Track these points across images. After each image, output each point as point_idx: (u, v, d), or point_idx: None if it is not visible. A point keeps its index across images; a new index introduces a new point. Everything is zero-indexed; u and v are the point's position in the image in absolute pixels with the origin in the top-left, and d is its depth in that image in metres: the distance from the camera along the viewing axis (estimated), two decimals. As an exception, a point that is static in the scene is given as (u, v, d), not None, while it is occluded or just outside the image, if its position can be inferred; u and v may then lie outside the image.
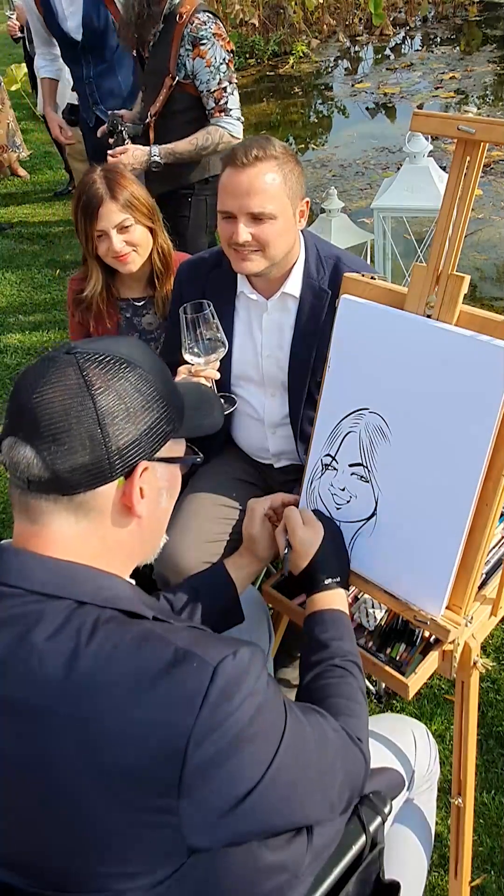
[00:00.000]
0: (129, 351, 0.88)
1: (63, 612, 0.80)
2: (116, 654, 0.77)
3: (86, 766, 0.73)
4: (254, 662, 0.81)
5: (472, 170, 1.11)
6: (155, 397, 0.87)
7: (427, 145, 3.14)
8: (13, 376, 3.81)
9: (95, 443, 0.82)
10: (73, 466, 0.82)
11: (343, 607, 1.18)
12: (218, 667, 0.77)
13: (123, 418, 0.84)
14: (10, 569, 0.84)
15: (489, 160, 5.39)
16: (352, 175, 5.87)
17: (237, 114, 2.58)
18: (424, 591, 1.20)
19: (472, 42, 9.02)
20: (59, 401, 0.82)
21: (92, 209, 1.86)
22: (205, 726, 0.74)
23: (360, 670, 1.10)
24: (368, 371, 1.26)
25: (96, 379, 0.83)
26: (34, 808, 0.75)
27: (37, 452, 0.81)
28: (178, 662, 0.76)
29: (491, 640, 2.14)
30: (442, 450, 1.16)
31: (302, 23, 9.41)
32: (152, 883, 0.75)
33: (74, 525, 0.85)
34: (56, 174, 6.31)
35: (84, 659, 0.76)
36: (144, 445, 0.87)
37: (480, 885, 1.62)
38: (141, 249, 1.92)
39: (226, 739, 0.75)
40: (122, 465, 0.85)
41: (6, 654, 0.78)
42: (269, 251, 1.53)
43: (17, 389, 0.85)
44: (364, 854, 1.00)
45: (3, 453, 0.84)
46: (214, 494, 1.73)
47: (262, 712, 0.80)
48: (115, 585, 0.86)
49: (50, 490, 0.83)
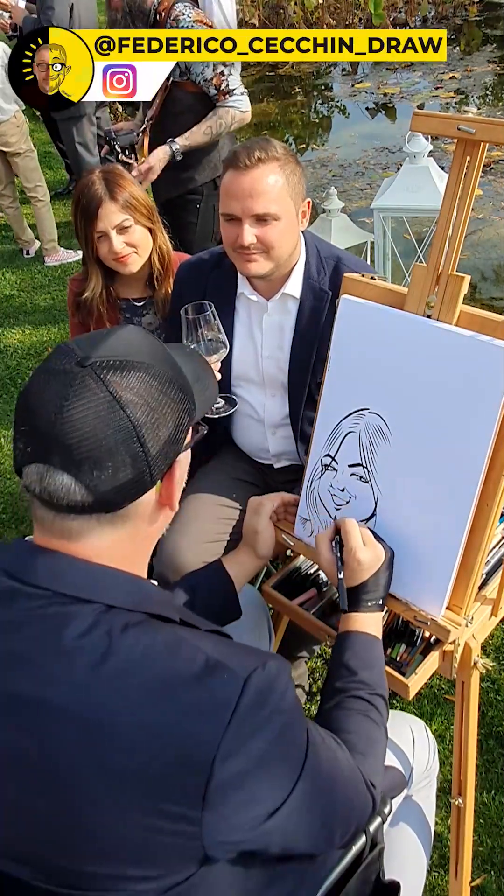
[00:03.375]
0: (133, 345, 0.84)
1: (92, 615, 0.78)
2: (146, 659, 0.76)
3: (104, 769, 0.72)
4: (281, 675, 0.81)
5: (472, 170, 1.11)
6: (172, 390, 0.84)
7: (427, 145, 3.14)
8: (13, 376, 3.81)
9: (136, 458, 0.79)
10: (116, 486, 0.79)
11: (378, 633, 1.15)
12: (248, 679, 0.76)
13: (155, 423, 0.81)
14: (38, 570, 0.81)
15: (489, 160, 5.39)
16: (352, 175, 5.87)
17: (241, 90, 2.61)
18: (425, 591, 1.20)
19: (472, 42, 9.02)
20: (91, 421, 0.77)
21: (91, 210, 1.86)
22: (233, 740, 0.74)
23: (385, 705, 1.07)
24: (368, 371, 1.26)
25: (122, 390, 0.79)
26: (49, 806, 0.75)
27: (76, 479, 0.77)
28: (208, 672, 0.76)
29: (491, 641, 2.14)
30: (442, 450, 1.16)
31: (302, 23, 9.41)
32: (165, 886, 0.75)
33: (111, 534, 0.83)
34: (56, 174, 6.31)
35: (112, 662, 0.75)
36: (175, 443, 0.85)
37: (480, 885, 1.62)
38: (141, 250, 1.92)
39: (253, 756, 0.75)
40: (160, 469, 0.83)
41: (32, 652, 0.77)
42: (274, 252, 1.53)
43: (30, 411, 0.79)
44: (364, 854, 1.00)
45: (32, 482, 0.80)
46: (214, 495, 1.73)
47: (289, 729, 0.80)
48: (142, 588, 0.85)
49: (92, 511, 0.80)
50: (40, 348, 4.04)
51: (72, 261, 4.93)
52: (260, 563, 1.37)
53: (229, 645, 0.84)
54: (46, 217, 4.89)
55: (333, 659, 1.12)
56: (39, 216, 4.88)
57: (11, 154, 4.71)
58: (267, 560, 1.39)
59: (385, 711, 1.07)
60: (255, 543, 1.36)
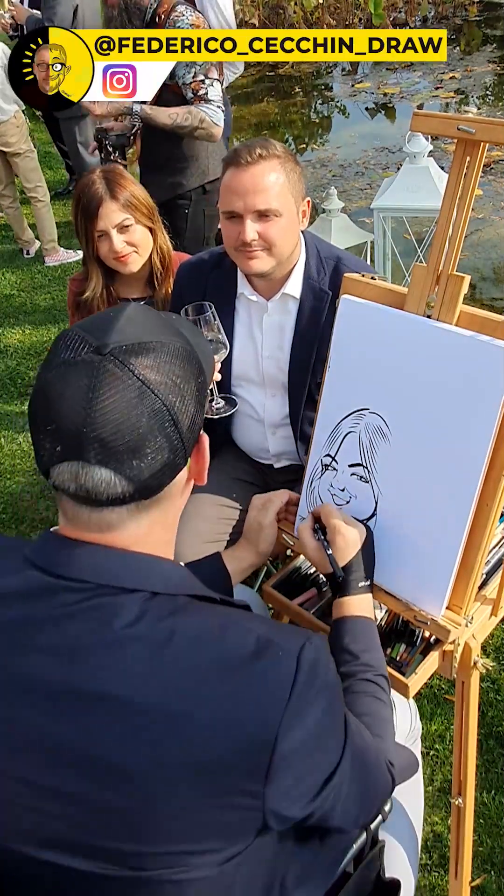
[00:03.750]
0: (143, 325, 0.82)
1: (138, 603, 0.78)
2: (201, 644, 0.77)
3: (172, 755, 0.73)
4: (325, 649, 0.84)
5: (472, 170, 1.11)
6: (187, 362, 0.82)
7: (427, 145, 3.14)
8: (13, 376, 3.81)
9: (171, 439, 0.78)
10: (155, 471, 0.78)
11: (371, 615, 1.17)
12: (301, 656, 0.78)
13: (181, 400, 0.79)
14: (77, 563, 0.80)
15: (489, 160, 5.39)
16: (352, 175, 5.87)
17: (218, 103, 2.56)
18: (425, 591, 1.20)
19: (472, 42, 9.02)
20: (124, 410, 0.75)
21: (92, 209, 1.86)
22: (292, 716, 0.76)
23: (388, 684, 1.10)
24: (368, 371, 1.26)
25: (148, 372, 0.77)
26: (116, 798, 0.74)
27: (115, 472, 0.76)
28: (262, 651, 0.77)
29: (491, 641, 2.14)
30: (442, 450, 1.16)
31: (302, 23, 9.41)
32: (224, 858, 0.76)
33: (146, 519, 0.82)
34: (56, 174, 6.31)
35: (169, 650, 0.75)
36: (199, 414, 0.83)
37: (480, 885, 1.62)
38: (141, 250, 1.92)
39: (309, 729, 0.78)
40: (190, 444, 0.83)
41: (87, 642, 0.77)
42: (276, 249, 1.53)
43: (54, 409, 0.76)
44: (365, 852, 1.00)
45: (65, 481, 0.78)
46: (214, 495, 1.73)
47: (335, 701, 0.84)
48: (179, 571, 0.86)
49: (133, 500, 0.79)
50: (40, 348, 4.04)
51: (72, 261, 4.93)
52: (259, 559, 1.37)
53: (270, 622, 0.86)
54: (46, 217, 4.89)
55: (333, 645, 1.13)
56: (39, 216, 4.88)
57: (11, 154, 4.71)
58: (266, 557, 1.39)
59: (389, 690, 1.09)
60: (258, 539, 1.36)
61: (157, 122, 2.53)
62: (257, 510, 1.38)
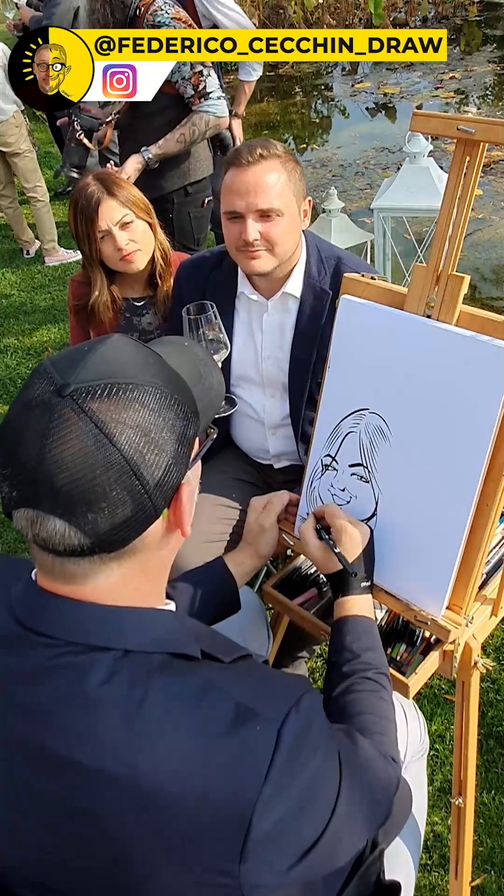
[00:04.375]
0: (118, 362, 0.75)
1: (109, 663, 0.74)
2: (175, 712, 0.72)
3: (142, 830, 0.69)
4: (315, 712, 0.78)
5: (472, 170, 1.11)
6: (168, 405, 0.75)
7: (427, 145, 3.14)
8: (13, 376, 3.81)
9: (135, 492, 0.71)
10: (115, 525, 0.72)
11: (372, 614, 1.17)
12: (282, 729, 0.73)
13: (151, 450, 0.72)
14: (46, 618, 0.76)
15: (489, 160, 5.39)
16: (352, 175, 5.87)
17: (218, 93, 2.55)
18: (425, 591, 1.20)
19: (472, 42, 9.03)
20: (77, 460, 0.69)
21: (91, 209, 1.85)
22: (269, 794, 0.71)
23: (389, 682, 1.09)
24: (368, 371, 1.26)
25: (109, 420, 0.70)
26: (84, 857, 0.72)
27: (70, 524, 0.70)
28: (240, 722, 0.72)
29: (491, 641, 2.14)
30: (442, 450, 1.16)
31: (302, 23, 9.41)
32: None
33: (118, 571, 0.76)
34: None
35: (141, 717, 0.71)
36: (178, 465, 0.76)
37: (480, 885, 1.62)
38: (144, 246, 1.92)
39: (290, 804, 0.73)
40: (164, 497, 0.75)
41: (57, 707, 0.73)
42: (277, 249, 1.53)
43: (11, 452, 0.72)
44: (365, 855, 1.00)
45: (23, 527, 0.74)
46: (214, 495, 1.73)
47: (323, 766, 0.78)
48: (159, 623, 0.80)
49: (93, 553, 0.73)
50: (40, 348, 4.04)
51: (72, 261, 4.93)
52: (260, 562, 1.37)
53: (257, 680, 0.80)
54: (46, 217, 4.89)
55: (335, 644, 1.13)
56: (39, 216, 4.88)
57: (11, 154, 4.71)
58: (267, 559, 1.39)
59: (390, 688, 1.08)
60: (259, 542, 1.36)
61: (172, 152, 2.56)
62: (258, 512, 1.38)
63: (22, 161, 4.74)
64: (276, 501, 1.38)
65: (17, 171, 4.79)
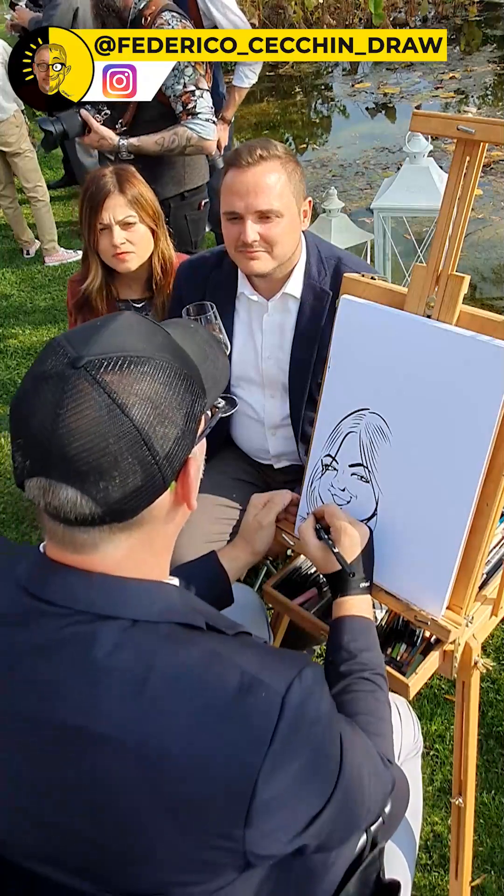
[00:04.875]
0: (130, 337, 0.77)
1: (116, 632, 0.75)
2: (182, 680, 0.74)
3: (150, 795, 0.71)
4: (317, 683, 0.80)
5: (472, 170, 1.11)
6: (177, 381, 0.77)
7: (427, 145, 3.14)
8: (13, 376, 3.81)
9: (145, 462, 0.74)
10: (126, 494, 0.73)
11: (370, 615, 1.17)
12: (286, 697, 0.75)
13: (162, 422, 0.75)
14: (55, 587, 0.78)
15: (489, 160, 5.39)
16: (352, 175, 5.87)
17: (207, 115, 2.51)
18: (425, 591, 1.20)
19: (472, 42, 9.02)
20: (90, 430, 0.71)
21: (98, 200, 1.87)
22: (274, 761, 0.73)
23: (386, 683, 1.09)
24: (368, 371, 1.26)
25: (121, 391, 0.72)
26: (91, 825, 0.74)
27: (81, 492, 0.72)
28: (246, 691, 0.74)
29: (491, 640, 2.14)
30: (442, 450, 1.16)
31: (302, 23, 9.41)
32: (208, 891, 0.75)
33: (126, 542, 0.78)
34: (56, 174, 6.31)
35: (150, 685, 0.72)
36: (186, 438, 0.78)
37: (480, 885, 1.62)
38: (140, 250, 1.92)
39: (293, 773, 0.74)
40: (173, 469, 0.77)
41: (65, 678, 0.74)
42: (277, 250, 1.53)
43: (25, 422, 0.74)
44: (364, 854, 1.00)
45: (35, 496, 0.75)
46: (214, 495, 1.73)
47: (326, 740, 0.80)
48: (165, 595, 0.82)
49: (104, 523, 0.75)
50: (40, 348, 4.00)
51: (72, 261, 4.92)
52: (254, 558, 1.37)
53: (261, 652, 0.82)
54: (46, 217, 4.89)
55: (332, 643, 1.13)
56: (39, 216, 4.88)
57: (11, 154, 4.71)
58: (261, 556, 1.39)
59: (387, 689, 1.09)
60: (255, 539, 1.36)
61: (146, 152, 2.50)
62: (257, 509, 1.38)
63: (22, 161, 4.74)
64: (278, 500, 1.39)
65: (18, 170, 4.79)
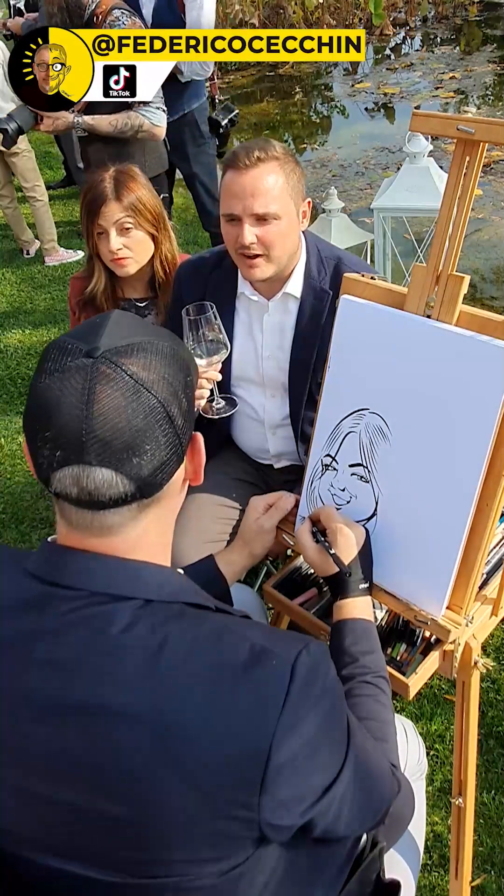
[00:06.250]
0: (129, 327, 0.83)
1: (131, 611, 0.78)
2: (195, 651, 0.77)
3: (167, 765, 0.73)
4: (324, 655, 0.83)
5: (472, 170, 1.11)
6: (176, 360, 0.82)
7: (427, 145, 3.14)
8: (13, 376, 3.81)
9: (168, 435, 0.79)
10: (155, 468, 0.79)
11: (371, 617, 1.17)
12: (296, 664, 0.77)
13: (174, 396, 0.80)
14: (72, 570, 0.81)
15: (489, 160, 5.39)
16: (352, 175, 5.87)
17: (157, 104, 2.69)
18: (425, 591, 1.20)
19: (472, 42, 9.03)
20: (121, 409, 0.76)
21: (95, 206, 1.86)
22: (286, 726, 0.75)
23: (388, 686, 1.10)
24: (368, 371, 1.26)
25: (139, 370, 0.78)
26: (121, 808, 0.74)
27: (117, 471, 0.77)
28: (256, 660, 0.77)
29: (491, 640, 2.14)
30: (442, 450, 1.16)
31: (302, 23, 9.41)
32: (225, 869, 0.76)
33: (143, 521, 0.82)
34: (56, 174, 6.31)
35: (165, 659, 0.75)
36: (191, 413, 0.84)
37: (480, 885, 1.62)
38: (138, 255, 1.91)
39: (306, 738, 0.77)
40: (186, 441, 0.84)
41: (81, 656, 0.77)
42: (275, 252, 1.53)
43: (51, 416, 0.76)
44: (365, 854, 1.00)
45: (66, 486, 0.78)
46: (214, 495, 1.73)
47: (335, 710, 0.83)
48: (174, 578, 0.85)
49: (134, 499, 0.79)
50: (40, 348, 4.04)
51: (72, 261, 4.93)
52: (252, 561, 1.37)
53: (268, 629, 0.85)
54: (45, 217, 4.89)
55: (334, 647, 1.13)
56: (38, 216, 4.88)
57: (9, 154, 4.71)
58: (258, 560, 1.39)
59: (389, 692, 1.09)
60: (255, 542, 1.35)
61: (100, 131, 2.70)
62: (258, 513, 1.37)
63: (21, 160, 4.74)
64: (282, 506, 1.38)
65: (16, 170, 4.79)
